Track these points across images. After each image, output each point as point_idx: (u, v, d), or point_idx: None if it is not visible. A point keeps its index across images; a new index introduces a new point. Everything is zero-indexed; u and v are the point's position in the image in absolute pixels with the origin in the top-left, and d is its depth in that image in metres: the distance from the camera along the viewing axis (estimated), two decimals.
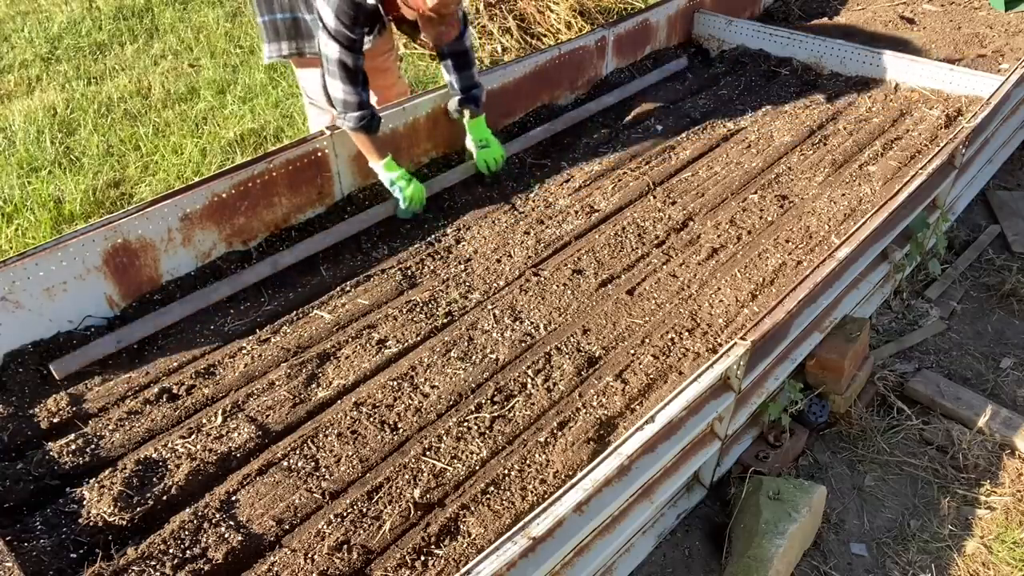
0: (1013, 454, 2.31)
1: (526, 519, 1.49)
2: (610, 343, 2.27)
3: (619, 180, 3.00)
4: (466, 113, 2.90)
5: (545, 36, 4.71)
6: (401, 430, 2.00)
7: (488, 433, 1.99)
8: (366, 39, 2.57)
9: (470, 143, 2.95)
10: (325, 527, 1.76)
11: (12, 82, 4.68)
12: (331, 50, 2.45)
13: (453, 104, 2.90)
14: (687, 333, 2.29)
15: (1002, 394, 2.52)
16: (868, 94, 3.56)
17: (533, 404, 2.07)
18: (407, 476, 1.87)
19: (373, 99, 2.79)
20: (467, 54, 2.81)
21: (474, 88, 2.86)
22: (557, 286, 2.48)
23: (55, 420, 2.02)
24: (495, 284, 2.51)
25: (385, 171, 2.69)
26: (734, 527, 2.05)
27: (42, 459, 1.90)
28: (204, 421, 2.02)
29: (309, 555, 1.70)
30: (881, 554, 2.08)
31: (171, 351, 2.24)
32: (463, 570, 1.40)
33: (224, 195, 2.51)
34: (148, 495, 1.82)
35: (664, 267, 2.57)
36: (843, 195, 2.87)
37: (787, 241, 2.66)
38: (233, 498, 1.83)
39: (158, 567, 1.66)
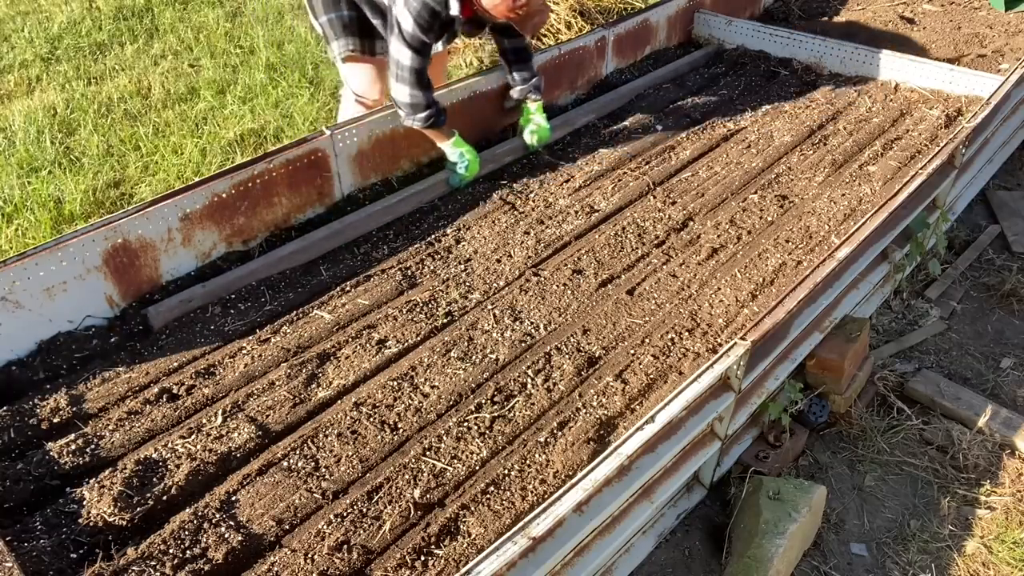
0: (1013, 454, 2.31)
1: (526, 519, 1.49)
2: (610, 343, 2.27)
3: (619, 180, 3.00)
4: (528, 100, 3.10)
5: (545, 36, 4.71)
6: (401, 430, 2.00)
7: (488, 433, 1.99)
8: (437, 45, 2.66)
9: (524, 122, 3.13)
10: (325, 527, 1.76)
11: (12, 82, 4.67)
12: (404, 56, 2.54)
13: (516, 93, 3.09)
14: (687, 333, 2.29)
15: (1002, 394, 2.52)
16: (868, 94, 3.56)
17: (533, 404, 2.07)
18: (407, 476, 1.87)
19: None
20: (527, 49, 3.00)
21: (534, 77, 3.06)
22: (557, 286, 2.48)
23: (55, 420, 2.02)
24: (495, 284, 2.51)
25: (454, 148, 2.87)
26: (734, 527, 2.05)
27: (42, 459, 1.89)
28: (204, 421, 2.02)
29: (309, 555, 1.70)
30: (881, 554, 2.08)
31: (171, 351, 2.24)
32: (463, 570, 1.40)
33: (224, 195, 2.51)
34: (148, 495, 1.82)
35: (664, 267, 2.57)
36: (843, 195, 2.87)
37: (787, 241, 2.66)
38: (233, 498, 1.83)
39: (158, 567, 1.66)
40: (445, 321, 2.36)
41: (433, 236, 2.73)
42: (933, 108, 3.40)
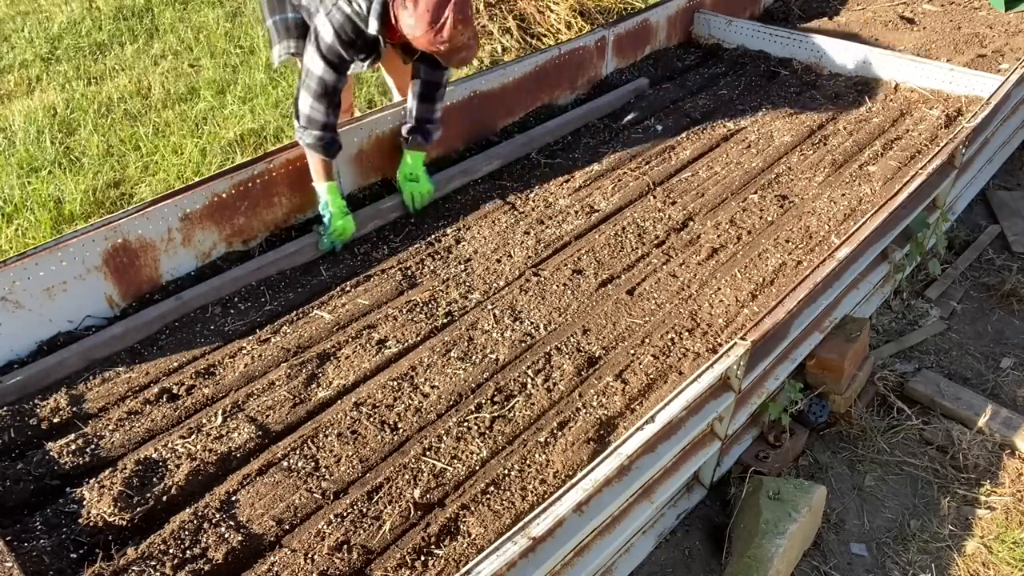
0: (1013, 454, 2.31)
1: (526, 519, 1.49)
2: (610, 343, 2.27)
3: (619, 180, 3.00)
4: (413, 144, 2.78)
5: (545, 36, 4.71)
6: (401, 430, 2.00)
7: (488, 433, 1.99)
8: (362, 65, 2.53)
9: (401, 174, 2.82)
10: (325, 527, 1.76)
11: (12, 82, 4.67)
12: (316, 66, 2.39)
13: (404, 130, 2.79)
14: (687, 333, 2.29)
15: (1002, 394, 2.52)
16: (868, 94, 3.56)
17: (533, 404, 2.07)
18: (407, 476, 1.87)
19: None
20: (440, 87, 2.73)
21: (430, 122, 2.77)
22: (557, 286, 2.48)
23: (55, 420, 2.02)
24: (495, 284, 2.51)
25: (327, 194, 2.59)
26: (734, 527, 2.05)
27: (42, 459, 1.90)
28: (204, 421, 2.02)
29: (309, 555, 1.70)
30: (881, 554, 2.08)
31: (171, 351, 2.25)
32: (463, 570, 1.40)
33: (224, 195, 2.51)
34: (148, 495, 1.82)
35: (664, 267, 2.57)
36: (843, 195, 2.87)
37: (787, 241, 2.66)
38: (233, 498, 1.83)
39: (158, 567, 1.66)
40: (445, 321, 2.36)
41: (433, 236, 2.73)
42: (933, 108, 3.40)
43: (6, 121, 4.15)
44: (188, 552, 1.70)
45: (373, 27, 2.31)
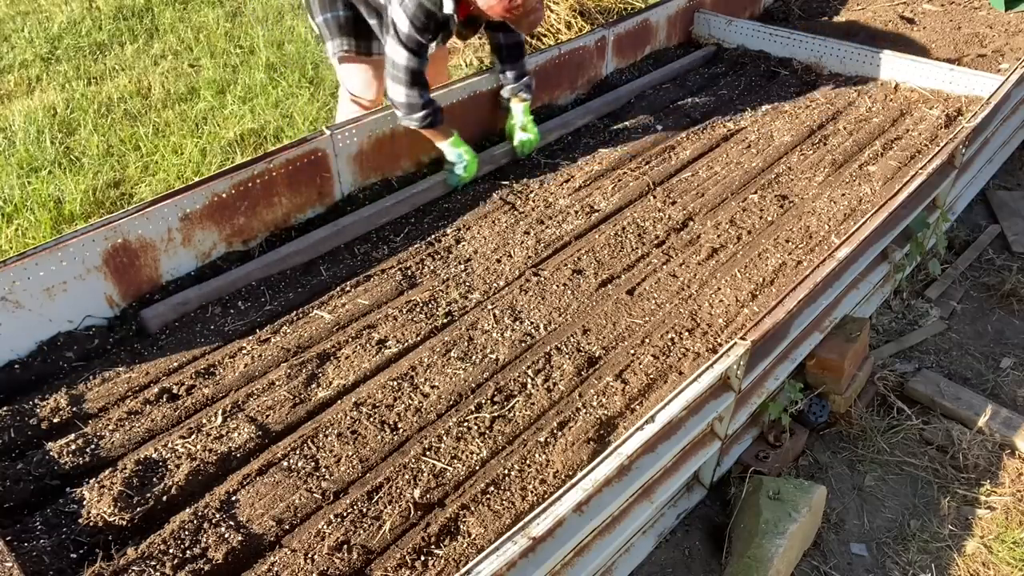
0: (1013, 454, 2.31)
1: (526, 519, 1.49)
2: (610, 343, 2.27)
3: (619, 180, 3.00)
4: (516, 99, 3.06)
5: (545, 36, 4.71)
6: (401, 430, 2.00)
7: (488, 433, 1.99)
8: (433, 46, 2.64)
9: (514, 125, 3.10)
10: (325, 527, 1.76)
11: (12, 82, 4.67)
12: (400, 56, 2.55)
13: (506, 92, 3.07)
14: (687, 333, 2.29)
15: (1002, 394, 2.52)
16: (868, 94, 3.56)
17: (533, 404, 2.07)
18: (407, 476, 1.87)
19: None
20: (521, 46, 3.01)
21: (526, 76, 3.05)
22: (557, 286, 2.48)
23: (55, 420, 2.02)
24: (495, 284, 2.51)
25: (452, 148, 2.87)
26: (734, 527, 2.05)
27: (42, 459, 1.89)
28: (204, 421, 2.02)
29: (309, 555, 1.70)
30: (881, 554, 2.08)
31: (171, 351, 2.24)
32: (463, 570, 1.40)
33: (224, 195, 2.51)
34: (148, 495, 1.82)
35: (664, 267, 2.57)
36: (843, 195, 2.87)
37: (787, 241, 2.66)
38: (233, 498, 1.83)
39: (158, 567, 1.66)
40: (445, 321, 2.36)
41: (433, 236, 2.73)
42: (933, 108, 3.40)
43: (6, 121, 4.15)
44: (188, 552, 1.70)
45: (448, 7, 2.46)
